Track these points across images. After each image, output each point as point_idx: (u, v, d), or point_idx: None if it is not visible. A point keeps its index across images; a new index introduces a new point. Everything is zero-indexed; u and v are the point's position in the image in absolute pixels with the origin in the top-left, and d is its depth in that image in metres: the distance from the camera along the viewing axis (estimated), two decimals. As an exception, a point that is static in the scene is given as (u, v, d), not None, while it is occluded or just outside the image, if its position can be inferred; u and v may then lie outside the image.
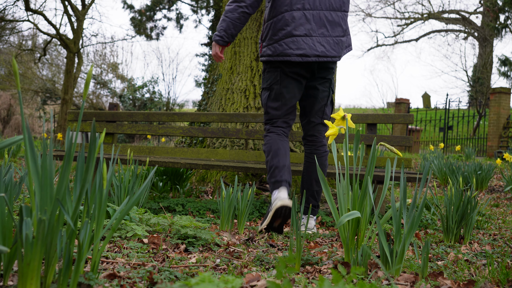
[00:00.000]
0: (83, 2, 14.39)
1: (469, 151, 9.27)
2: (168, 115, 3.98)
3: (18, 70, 1.16)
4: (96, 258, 1.30)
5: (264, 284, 1.33)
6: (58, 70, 20.99)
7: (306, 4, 2.50)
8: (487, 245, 2.38)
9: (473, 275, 1.69)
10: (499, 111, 12.54)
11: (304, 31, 2.49)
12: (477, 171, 5.59)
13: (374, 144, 1.73)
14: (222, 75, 4.74)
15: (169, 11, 16.79)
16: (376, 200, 3.17)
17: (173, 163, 3.45)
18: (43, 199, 1.17)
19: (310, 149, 2.71)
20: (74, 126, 4.02)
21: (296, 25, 2.49)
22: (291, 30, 2.49)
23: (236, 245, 2.11)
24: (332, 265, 1.74)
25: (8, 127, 19.20)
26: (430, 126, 16.78)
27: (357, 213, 1.62)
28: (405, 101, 15.98)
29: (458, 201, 2.47)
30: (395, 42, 23.83)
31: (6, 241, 1.18)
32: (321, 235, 2.57)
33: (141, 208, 2.47)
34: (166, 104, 19.44)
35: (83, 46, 16.51)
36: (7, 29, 16.71)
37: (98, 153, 3.08)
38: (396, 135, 4.53)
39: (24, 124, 1.14)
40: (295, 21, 2.49)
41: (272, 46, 2.54)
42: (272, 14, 2.54)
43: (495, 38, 18.78)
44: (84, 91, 1.21)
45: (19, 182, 2.10)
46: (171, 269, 1.51)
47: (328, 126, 1.83)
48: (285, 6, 2.50)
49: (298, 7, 2.49)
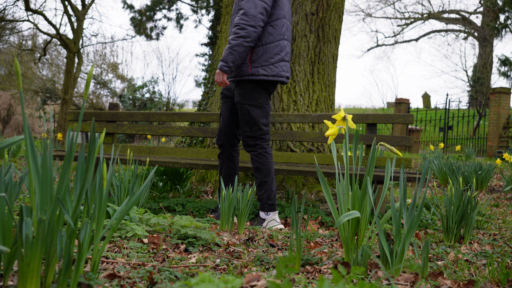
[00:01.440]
0: (83, 2, 14.40)
1: (469, 151, 9.27)
2: (168, 115, 3.98)
3: (19, 70, 1.16)
4: (96, 258, 1.30)
5: (264, 284, 1.33)
6: (58, 70, 21.00)
7: (288, 36, 3.06)
8: (487, 245, 2.38)
9: (473, 275, 1.69)
10: (499, 111, 12.54)
11: (288, 57, 3.05)
12: (477, 171, 5.59)
13: (374, 144, 1.73)
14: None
15: (169, 11, 16.80)
16: (376, 200, 3.17)
17: (173, 163, 3.45)
18: (43, 199, 1.17)
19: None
20: (74, 126, 4.02)
21: (286, 52, 3.01)
22: (283, 56, 2.98)
23: (236, 245, 2.11)
24: (332, 265, 1.74)
25: (8, 127, 19.20)
26: (430, 126, 16.78)
27: (357, 213, 1.62)
28: (405, 101, 15.98)
29: (458, 201, 2.47)
30: (395, 42, 23.84)
31: (6, 241, 1.18)
32: (321, 235, 2.57)
33: (141, 208, 2.47)
34: (166, 104, 19.45)
35: (83, 46, 16.52)
36: (7, 29, 16.72)
37: (98, 153, 3.08)
38: (396, 135, 4.53)
39: (25, 124, 1.14)
40: (285, 49, 3.00)
41: (267, 67, 2.92)
42: (268, 40, 2.93)
43: (495, 38, 18.79)
44: (85, 91, 1.21)
45: (19, 182, 2.10)
46: (171, 269, 1.51)
47: (328, 126, 1.83)
48: (280, 35, 2.97)
49: (285, 37, 3.02)
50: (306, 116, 3.71)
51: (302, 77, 4.25)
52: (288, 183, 4.03)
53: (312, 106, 4.27)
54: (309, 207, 3.44)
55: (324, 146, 4.29)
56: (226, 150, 3.12)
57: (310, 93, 4.28)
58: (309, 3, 4.24)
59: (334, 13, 4.35)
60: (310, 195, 4.01)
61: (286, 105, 4.17)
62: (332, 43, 4.39)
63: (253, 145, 2.98)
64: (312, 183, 4.10)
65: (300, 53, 4.24)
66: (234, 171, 3.12)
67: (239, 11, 2.86)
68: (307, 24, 4.25)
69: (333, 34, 4.39)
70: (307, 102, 4.25)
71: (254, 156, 2.98)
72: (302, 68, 4.26)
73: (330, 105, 4.47)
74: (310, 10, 4.25)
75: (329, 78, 4.42)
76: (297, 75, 4.24)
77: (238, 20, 2.84)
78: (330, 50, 4.38)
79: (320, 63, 4.33)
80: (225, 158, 3.12)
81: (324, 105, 4.35)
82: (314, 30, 4.27)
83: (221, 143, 3.11)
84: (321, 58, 4.32)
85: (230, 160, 3.12)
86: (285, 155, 3.76)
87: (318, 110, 4.30)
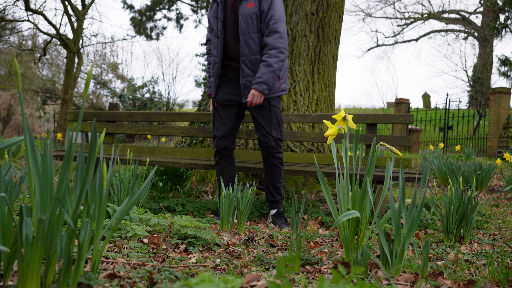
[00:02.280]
0: (83, 2, 14.40)
1: (469, 151, 9.27)
2: (168, 115, 3.97)
3: (19, 70, 1.16)
4: (96, 258, 1.30)
5: (264, 284, 1.33)
6: (58, 70, 20.99)
7: None
8: (487, 245, 2.38)
9: (473, 275, 1.69)
10: (499, 111, 12.54)
11: None
12: (477, 171, 5.59)
13: (374, 144, 1.73)
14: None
15: (169, 11, 16.80)
16: (376, 200, 3.17)
17: (173, 163, 3.45)
18: (43, 199, 1.17)
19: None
20: (74, 126, 4.02)
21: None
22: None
23: (236, 245, 2.11)
24: (332, 265, 1.74)
25: (8, 127, 19.20)
26: (430, 126, 16.78)
27: (356, 213, 1.62)
28: (405, 101, 15.98)
29: (458, 201, 2.47)
30: (395, 42, 23.84)
31: (6, 241, 1.18)
32: (321, 235, 2.57)
33: (141, 208, 2.47)
34: (166, 104, 19.44)
35: (83, 46, 16.50)
36: (7, 29, 16.71)
37: (98, 153, 3.08)
38: (396, 135, 4.53)
39: (25, 124, 1.14)
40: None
41: (286, 83, 3.16)
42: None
43: (495, 38, 18.79)
44: (84, 91, 1.21)
45: (19, 182, 2.10)
46: (171, 269, 1.51)
47: (328, 126, 1.83)
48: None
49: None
50: (306, 116, 3.71)
51: (302, 77, 4.25)
52: (288, 183, 4.04)
53: (312, 106, 4.27)
54: (309, 207, 3.44)
55: (324, 146, 4.29)
56: (227, 154, 3.13)
57: (310, 93, 4.28)
58: (309, 3, 4.24)
59: (334, 13, 4.35)
60: (310, 195, 4.01)
61: (286, 105, 4.17)
62: (332, 43, 4.39)
63: (279, 151, 3.09)
64: (312, 183, 4.10)
65: (300, 53, 4.24)
66: (235, 174, 3.14)
67: (274, 34, 2.97)
68: (307, 24, 4.25)
69: (333, 34, 4.39)
70: (307, 102, 4.25)
71: (279, 164, 3.08)
72: (302, 68, 4.26)
73: (330, 105, 4.47)
74: (310, 10, 4.25)
75: (329, 78, 4.42)
76: (297, 75, 4.24)
77: (277, 43, 2.97)
78: (330, 50, 4.38)
79: (320, 63, 4.33)
80: (226, 162, 3.12)
81: (324, 105, 4.35)
82: (314, 30, 4.27)
83: (223, 147, 3.11)
84: (321, 58, 4.32)
85: (230, 163, 3.13)
86: (285, 155, 3.76)
87: (318, 110, 4.30)
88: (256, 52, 3.01)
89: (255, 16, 2.98)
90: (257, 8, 2.98)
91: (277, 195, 3.10)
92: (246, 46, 3.00)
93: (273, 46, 2.96)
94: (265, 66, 2.95)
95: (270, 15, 2.96)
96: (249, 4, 2.98)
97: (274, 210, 3.09)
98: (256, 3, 2.98)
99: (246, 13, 2.98)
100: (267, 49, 2.97)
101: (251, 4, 2.98)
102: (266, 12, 2.97)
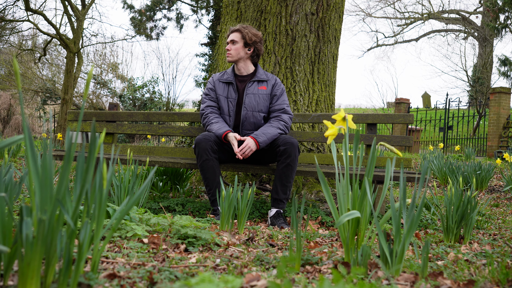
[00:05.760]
0: (83, 2, 14.40)
1: (469, 151, 9.27)
2: (168, 115, 3.98)
3: (19, 70, 1.16)
4: (96, 258, 1.30)
5: (264, 284, 1.33)
6: (58, 70, 21.00)
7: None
8: (487, 245, 2.38)
9: (473, 275, 1.69)
10: (499, 111, 12.54)
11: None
12: (477, 171, 5.59)
13: (374, 144, 1.73)
14: (222, 75, 4.74)
15: (169, 11, 16.80)
16: (376, 200, 3.17)
17: (173, 163, 3.45)
18: (43, 199, 1.17)
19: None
20: (74, 126, 4.02)
21: None
22: None
23: (236, 245, 2.11)
24: (332, 265, 1.74)
25: (8, 127, 19.21)
26: (430, 126, 16.78)
27: (357, 213, 1.62)
28: (405, 101, 15.98)
29: (458, 201, 2.47)
30: (395, 42, 23.85)
31: (6, 241, 1.18)
32: (321, 235, 2.57)
33: (141, 208, 2.47)
34: (166, 104, 19.44)
35: (83, 46, 16.50)
36: (7, 29, 16.72)
37: (98, 153, 3.08)
38: (396, 135, 4.53)
39: (24, 124, 1.14)
40: None
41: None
42: None
43: (495, 38, 18.80)
44: (85, 91, 1.21)
45: (19, 182, 2.10)
46: (171, 269, 1.51)
47: (328, 126, 1.83)
48: None
49: None
50: (306, 116, 3.71)
51: (302, 77, 4.25)
52: (288, 183, 4.04)
53: (312, 106, 4.27)
54: (309, 207, 3.44)
55: (324, 146, 4.29)
56: (213, 158, 3.12)
57: (310, 93, 4.28)
58: (309, 3, 4.24)
59: (334, 13, 4.35)
60: (310, 195, 4.01)
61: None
62: (332, 43, 4.39)
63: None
64: (312, 183, 4.10)
65: (300, 53, 4.24)
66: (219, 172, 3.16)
67: (281, 111, 3.30)
68: (307, 24, 4.25)
69: (333, 34, 4.39)
70: (307, 102, 4.25)
71: (292, 163, 3.10)
72: (302, 68, 4.26)
73: (330, 105, 4.47)
74: (310, 10, 4.25)
75: (329, 78, 4.42)
76: (297, 75, 4.24)
77: (286, 119, 3.29)
78: (330, 50, 4.38)
79: (320, 63, 4.33)
80: (212, 160, 3.10)
81: (324, 105, 4.35)
82: (314, 30, 4.27)
83: (210, 157, 3.10)
84: (321, 58, 4.32)
85: (216, 160, 3.15)
86: (285, 155, 3.76)
87: (318, 110, 4.30)
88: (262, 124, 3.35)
89: (267, 97, 3.34)
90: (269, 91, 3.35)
91: (282, 194, 3.11)
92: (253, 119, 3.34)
93: (284, 121, 3.28)
94: (274, 128, 3.20)
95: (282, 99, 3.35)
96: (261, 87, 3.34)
97: (274, 210, 3.09)
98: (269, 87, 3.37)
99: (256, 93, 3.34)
100: (280, 112, 3.30)
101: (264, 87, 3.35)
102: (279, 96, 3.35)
